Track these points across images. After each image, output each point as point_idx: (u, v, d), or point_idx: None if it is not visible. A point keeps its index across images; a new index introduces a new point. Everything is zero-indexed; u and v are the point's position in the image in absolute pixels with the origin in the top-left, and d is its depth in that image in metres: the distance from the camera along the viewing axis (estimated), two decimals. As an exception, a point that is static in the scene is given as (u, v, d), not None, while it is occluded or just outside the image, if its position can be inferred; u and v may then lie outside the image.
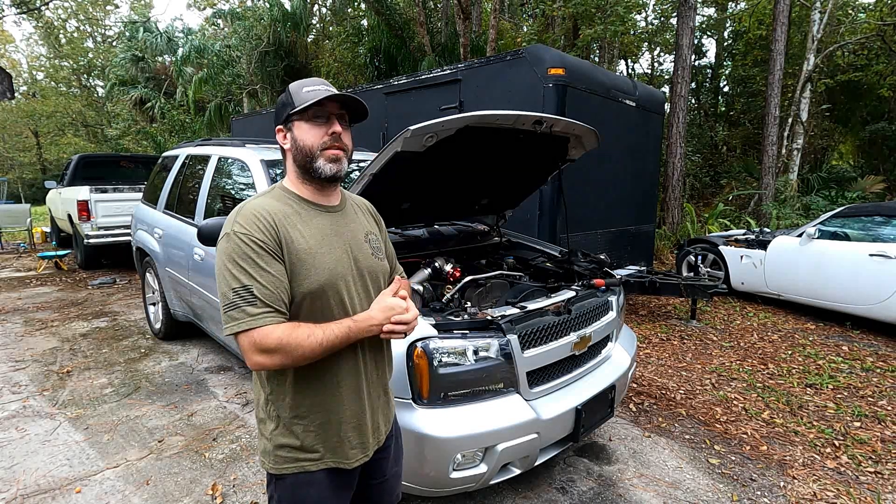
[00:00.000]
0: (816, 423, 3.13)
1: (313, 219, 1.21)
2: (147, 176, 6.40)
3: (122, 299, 6.11)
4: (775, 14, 9.53)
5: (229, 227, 1.11)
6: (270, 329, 1.05)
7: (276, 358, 1.06)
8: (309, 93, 1.17)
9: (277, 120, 1.23)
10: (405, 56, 12.13)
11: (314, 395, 1.18)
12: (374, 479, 1.36)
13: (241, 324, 1.05)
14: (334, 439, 1.20)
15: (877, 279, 4.55)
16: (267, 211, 1.14)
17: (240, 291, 1.06)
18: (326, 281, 1.16)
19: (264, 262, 1.08)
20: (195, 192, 3.77)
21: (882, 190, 9.95)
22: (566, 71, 4.08)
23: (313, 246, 1.17)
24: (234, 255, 1.08)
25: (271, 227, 1.11)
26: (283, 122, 1.22)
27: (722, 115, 16.60)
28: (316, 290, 1.15)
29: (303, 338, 1.06)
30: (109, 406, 3.29)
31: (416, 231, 3.24)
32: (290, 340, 1.05)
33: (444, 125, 2.03)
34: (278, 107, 1.23)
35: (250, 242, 1.08)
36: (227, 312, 1.07)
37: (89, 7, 27.21)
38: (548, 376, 2.18)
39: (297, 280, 1.13)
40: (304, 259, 1.14)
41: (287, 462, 1.18)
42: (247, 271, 1.07)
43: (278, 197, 1.21)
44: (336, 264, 1.19)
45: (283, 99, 1.22)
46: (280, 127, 1.23)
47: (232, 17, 15.62)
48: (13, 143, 27.19)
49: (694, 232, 8.66)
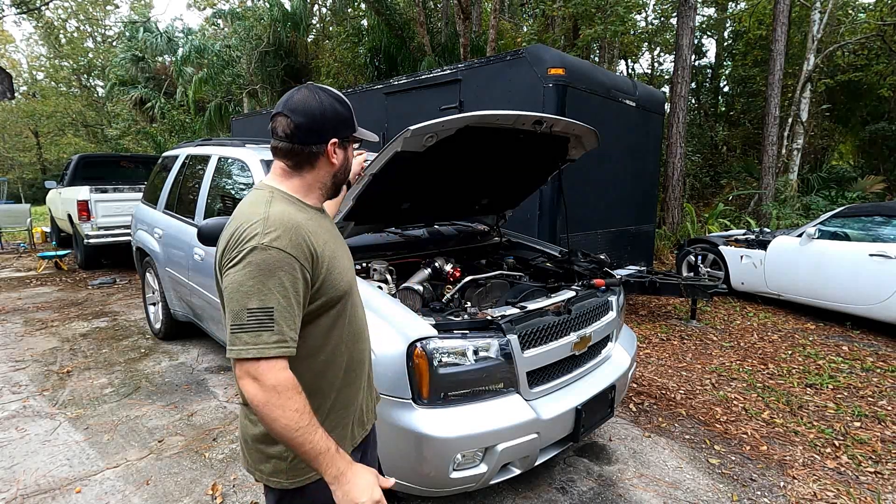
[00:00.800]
0: (816, 423, 3.13)
1: (321, 223, 1.20)
2: (147, 176, 6.41)
3: (122, 299, 6.11)
4: (775, 14, 9.54)
5: (263, 239, 1.00)
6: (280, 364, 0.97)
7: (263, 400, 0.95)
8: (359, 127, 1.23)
9: (337, 133, 1.16)
10: (405, 56, 12.13)
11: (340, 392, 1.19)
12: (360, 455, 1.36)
13: (251, 350, 0.96)
14: (347, 430, 1.22)
15: (877, 279, 4.55)
16: (298, 224, 1.06)
17: (257, 314, 0.96)
18: (351, 279, 1.20)
19: (294, 289, 1.00)
20: (195, 192, 3.77)
21: (882, 190, 9.95)
22: (566, 71, 4.08)
23: (334, 249, 1.17)
24: (266, 269, 0.97)
25: (307, 246, 1.04)
26: (341, 138, 1.17)
27: (722, 115, 16.60)
28: (347, 292, 1.17)
29: (298, 406, 0.96)
30: (109, 406, 3.29)
31: (416, 231, 3.24)
32: (287, 395, 0.96)
33: (444, 125, 2.03)
34: (338, 119, 1.15)
35: (287, 261, 1.00)
36: (235, 333, 0.97)
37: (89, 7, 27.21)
38: (548, 376, 2.18)
39: (333, 284, 1.11)
40: (334, 264, 1.13)
41: (309, 471, 1.13)
42: (274, 291, 0.97)
43: (290, 202, 1.14)
44: (349, 264, 1.24)
45: (345, 113, 1.17)
46: (336, 140, 1.16)
47: (232, 17, 15.62)
48: (13, 143, 27.19)
49: (694, 232, 8.66)
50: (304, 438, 0.96)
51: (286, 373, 0.98)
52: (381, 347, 1.86)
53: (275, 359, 0.97)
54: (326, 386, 1.16)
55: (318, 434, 0.98)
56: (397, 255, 2.85)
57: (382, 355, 1.86)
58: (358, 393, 1.26)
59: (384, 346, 1.86)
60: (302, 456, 0.98)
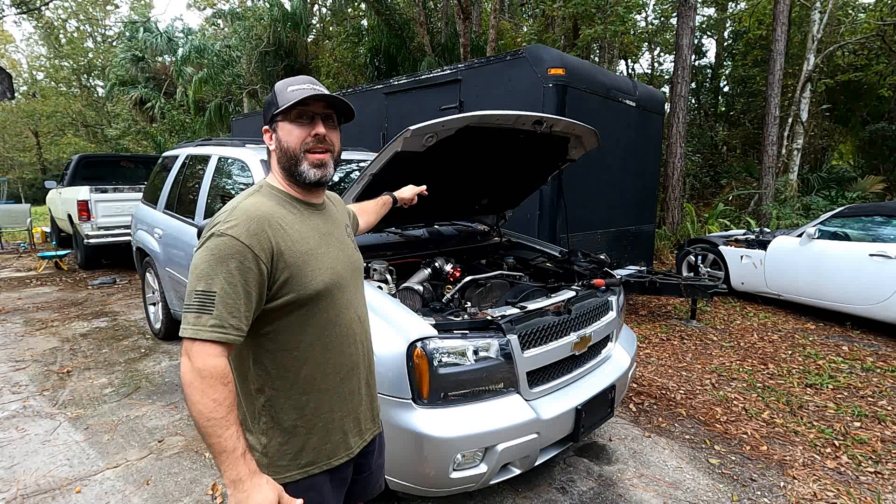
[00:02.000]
0: (816, 423, 3.13)
1: (307, 219, 1.18)
2: (147, 176, 6.40)
3: (122, 299, 6.11)
4: (775, 14, 9.54)
5: (222, 227, 1.03)
6: (213, 350, 0.98)
7: (188, 380, 0.96)
8: (293, 92, 1.13)
9: (264, 120, 1.20)
10: (405, 56, 12.14)
11: (320, 395, 1.16)
12: (361, 473, 1.34)
13: (188, 330, 0.98)
14: (338, 436, 1.19)
15: (877, 279, 4.55)
16: (264, 215, 1.07)
17: (201, 296, 0.98)
18: (330, 281, 1.14)
19: (243, 278, 1.00)
20: (195, 192, 3.77)
21: (882, 190, 9.95)
22: (566, 71, 4.08)
23: (313, 247, 1.14)
24: (216, 255, 1.00)
25: (266, 238, 1.04)
26: (268, 123, 1.19)
27: (722, 115, 16.61)
28: (322, 291, 1.12)
29: (218, 397, 0.95)
30: (109, 406, 3.29)
31: (416, 231, 3.24)
32: (209, 382, 0.95)
33: (444, 125, 2.03)
34: (265, 107, 1.20)
35: (238, 248, 1.01)
36: (184, 312, 1.00)
37: (89, 7, 27.22)
38: (548, 376, 2.17)
39: (302, 282, 1.09)
40: (307, 261, 1.11)
41: (290, 469, 1.14)
42: (220, 277, 0.99)
43: (271, 196, 1.15)
44: (335, 263, 1.18)
45: (269, 99, 1.19)
46: (266, 127, 1.20)
47: (232, 17, 15.64)
48: (13, 143, 27.19)
49: (694, 232, 8.65)
50: (213, 430, 0.95)
51: (217, 360, 0.97)
52: (381, 347, 1.86)
53: (210, 343, 0.97)
54: (299, 385, 1.13)
55: (229, 431, 0.96)
56: (397, 255, 2.85)
57: (382, 355, 1.85)
58: (345, 400, 1.21)
59: (384, 346, 1.86)
60: (209, 448, 0.97)
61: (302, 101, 1.12)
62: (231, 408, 0.97)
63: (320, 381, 1.16)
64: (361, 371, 1.26)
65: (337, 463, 1.20)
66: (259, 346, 1.11)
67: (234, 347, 1.03)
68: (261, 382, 1.13)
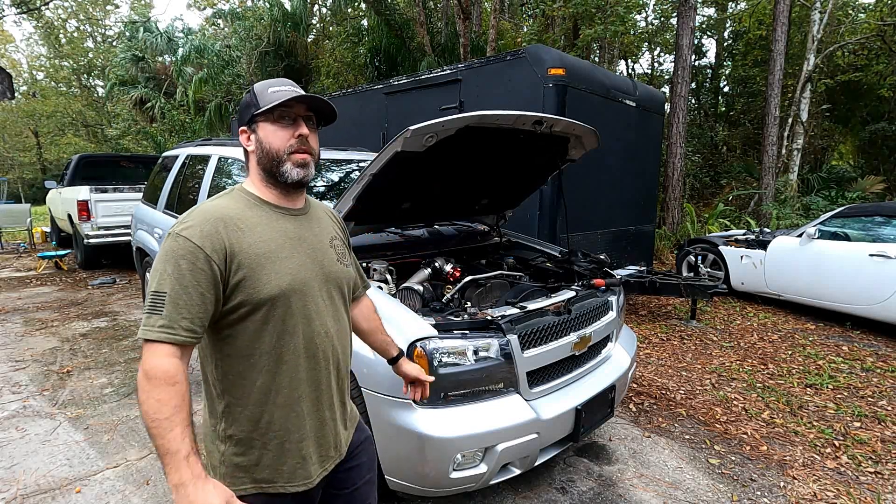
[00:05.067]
0: (816, 424, 3.13)
1: (275, 222, 1.14)
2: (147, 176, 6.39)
3: (122, 299, 6.11)
4: (775, 14, 9.54)
5: (177, 227, 1.04)
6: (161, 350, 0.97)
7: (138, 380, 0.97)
8: (275, 93, 1.12)
9: (241, 121, 1.18)
10: (405, 56, 12.14)
11: (275, 409, 1.11)
12: (343, 489, 1.28)
13: (141, 330, 0.99)
14: (295, 459, 1.13)
15: (877, 279, 4.55)
16: (220, 216, 1.06)
17: (153, 297, 0.99)
18: (289, 286, 1.09)
19: (195, 278, 1.00)
20: (195, 192, 3.77)
21: (882, 190, 9.95)
22: (566, 71, 4.08)
23: (274, 250, 1.10)
24: (169, 256, 1.01)
25: (220, 239, 1.04)
26: (246, 123, 1.16)
27: (722, 115, 16.61)
28: (277, 296, 1.08)
29: (162, 397, 0.94)
30: (109, 406, 3.29)
31: (416, 231, 3.24)
32: (154, 383, 0.95)
33: (444, 125, 2.03)
34: (242, 107, 1.18)
35: (190, 249, 1.01)
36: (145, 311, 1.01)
37: (89, 7, 27.22)
38: (548, 376, 2.18)
39: (256, 286, 1.06)
40: (263, 264, 1.07)
41: (245, 483, 1.10)
42: (171, 277, 0.99)
43: (239, 199, 1.14)
44: (299, 269, 1.13)
45: (247, 99, 1.17)
46: (244, 128, 1.17)
47: (232, 17, 15.64)
48: (13, 143, 27.19)
49: (694, 232, 8.65)
50: (159, 431, 0.93)
51: (165, 360, 0.96)
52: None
53: (159, 343, 0.97)
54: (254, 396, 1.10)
55: (172, 433, 0.93)
56: (397, 255, 2.85)
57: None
58: (303, 421, 1.14)
59: (384, 346, 1.86)
60: (156, 450, 0.95)
61: (285, 102, 1.11)
62: (177, 409, 0.95)
63: (275, 395, 1.10)
64: (326, 392, 1.18)
65: (293, 490, 1.13)
66: (219, 349, 1.10)
67: (190, 349, 1.02)
68: (220, 388, 1.11)
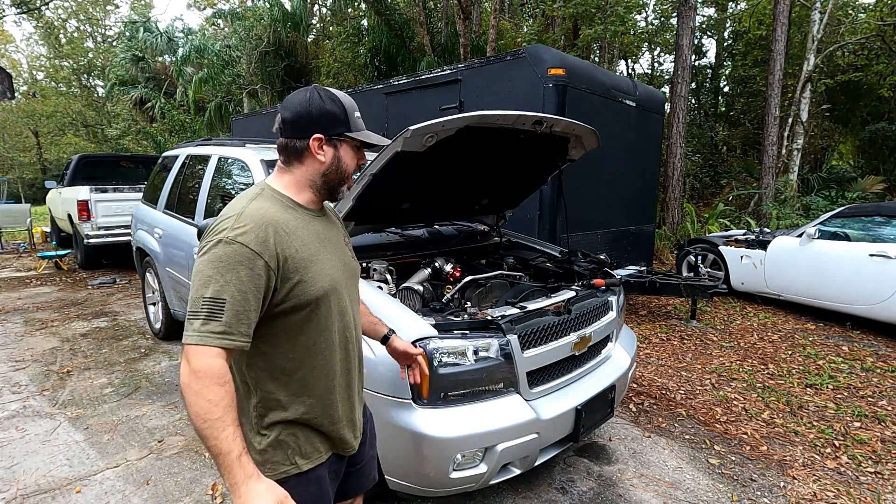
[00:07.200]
0: (816, 424, 3.13)
1: (308, 224, 1.18)
2: (147, 176, 6.40)
3: (122, 299, 6.11)
4: (775, 14, 9.54)
5: (230, 233, 1.02)
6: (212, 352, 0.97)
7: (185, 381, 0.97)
8: (359, 119, 1.20)
9: (321, 128, 1.14)
10: (405, 56, 12.13)
11: (312, 399, 1.16)
12: (354, 466, 1.36)
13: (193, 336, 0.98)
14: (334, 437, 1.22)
15: (877, 279, 4.55)
16: (270, 221, 1.07)
17: (209, 303, 0.99)
18: (329, 286, 1.15)
19: (253, 285, 1.01)
20: (195, 192, 3.77)
21: (882, 190, 9.94)
22: (566, 71, 4.08)
23: (314, 252, 1.14)
24: (226, 262, 1.00)
25: (274, 245, 1.05)
26: (328, 134, 1.15)
27: (722, 115, 16.61)
28: (321, 297, 1.13)
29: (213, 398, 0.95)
30: (109, 406, 3.29)
31: (416, 231, 3.24)
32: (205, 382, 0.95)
33: (445, 125, 2.03)
34: (323, 114, 1.14)
35: (248, 256, 1.01)
36: (189, 319, 1.00)
37: (89, 7, 27.23)
38: (548, 376, 2.18)
39: (305, 288, 1.10)
40: (308, 266, 1.11)
41: (285, 465, 1.15)
42: (230, 285, 0.99)
43: (274, 201, 1.14)
44: (333, 269, 1.18)
45: (331, 109, 1.14)
46: (321, 136, 1.14)
47: (232, 17, 15.64)
48: (13, 143, 27.18)
49: (694, 232, 8.65)
50: (210, 433, 0.94)
51: (216, 361, 0.97)
52: (381, 347, 1.86)
53: (212, 347, 0.98)
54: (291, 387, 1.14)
55: (226, 432, 0.95)
56: (397, 255, 2.85)
57: (382, 355, 1.85)
58: (339, 404, 1.22)
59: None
60: (208, 451, 0.96)
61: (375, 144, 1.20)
62: (227, 409, 0.97)
63: (312, 386, 1.16)
64: (355, 379, 1.28)
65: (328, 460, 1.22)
66: (254, 347, 1.11)
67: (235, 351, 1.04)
68: (253, 384, 1.14)
